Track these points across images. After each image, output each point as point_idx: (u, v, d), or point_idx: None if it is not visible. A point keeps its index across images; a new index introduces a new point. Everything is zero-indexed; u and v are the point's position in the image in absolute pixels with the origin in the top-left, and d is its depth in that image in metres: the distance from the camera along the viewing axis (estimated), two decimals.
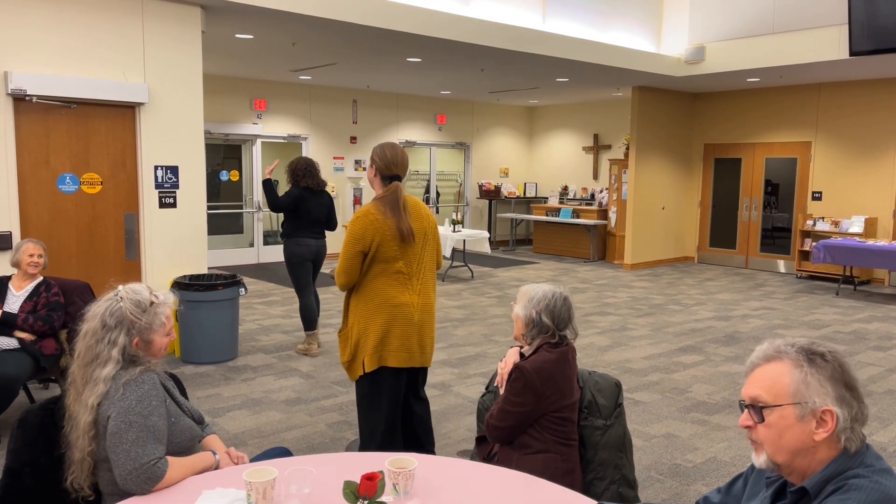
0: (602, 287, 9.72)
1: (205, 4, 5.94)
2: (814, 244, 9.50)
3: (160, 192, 5.86)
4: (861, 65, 8.78)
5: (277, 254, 11.79)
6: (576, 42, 8.62)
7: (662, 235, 11.94)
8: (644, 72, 9.63)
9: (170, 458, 2.05)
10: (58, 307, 4.38)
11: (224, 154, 12.00)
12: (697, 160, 12.16)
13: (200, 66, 5.98)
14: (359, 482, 1.78)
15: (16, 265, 4.38)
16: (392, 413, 3.34)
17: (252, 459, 2.34)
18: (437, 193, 14.23)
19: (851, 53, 8.08)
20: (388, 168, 3.27)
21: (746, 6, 9.43)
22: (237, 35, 7.40)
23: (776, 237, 11.42)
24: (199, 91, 6.00)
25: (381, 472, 1.82)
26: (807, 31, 8.70)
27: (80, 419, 2.06)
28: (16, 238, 5.16)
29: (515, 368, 2.56)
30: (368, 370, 3.27)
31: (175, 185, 5.93)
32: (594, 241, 12.37)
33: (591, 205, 13.08)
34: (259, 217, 11.62)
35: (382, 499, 1.82)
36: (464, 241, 10.55)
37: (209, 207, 10.53)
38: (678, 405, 4.96)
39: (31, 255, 4.37)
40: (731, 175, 11.80)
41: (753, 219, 11.56)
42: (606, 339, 6.78)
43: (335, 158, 12.17)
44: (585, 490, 2.63)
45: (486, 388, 2.98)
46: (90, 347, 2.13)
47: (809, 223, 10.42)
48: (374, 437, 3.35)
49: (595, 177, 13.92)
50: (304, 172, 5.98)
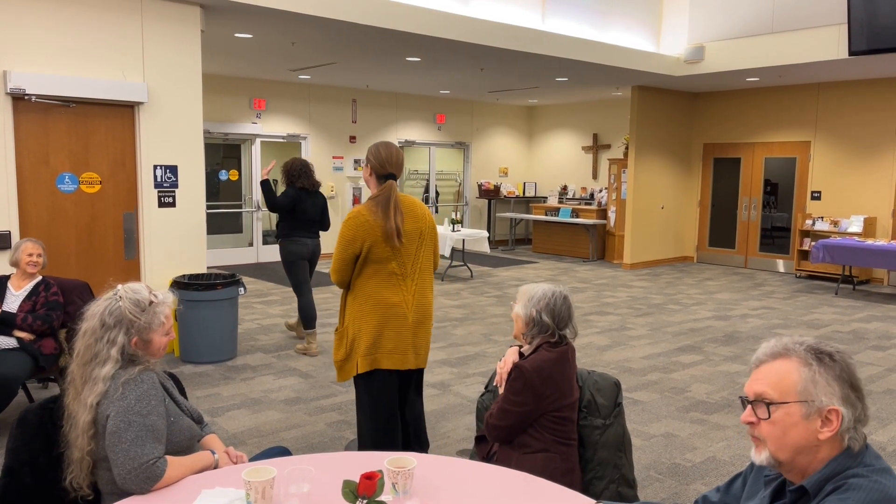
0: (601, 287, 9.72)
1: (204, 4, 5.94)
2: (813, 244, 9.51)
3: (159, 192, 5.85)
4: (860, 64, 8.78)
5: (276, 253, 11.75)
6: (575, 42, 8.62)
7: (662, 235, 11.94)
8: (643, 71, 9.64)
9: (169, 458, 2.05)
10: (57, 306, 4.38)
11: (223, 153, 12.00)
12: (697, 160, 12.17)
13: (200, 66, 5.98)
14: (358, 481, 1.78)
15: (15, 264, 4.38)
16: (388, 414, 3.33)
17: (251, 459, 2.34)
18: (437, 193, 14.23)
19: (851, 53, 8.08)
20: (383, 167, 3.23)
21: (746, 6, 9.43)
22: (236, 34, 7.39)
23: (775, 237, 11.42)
24: (199, 90, 6.00)
25: (381, 472, 1.82)
26: (806, 31, 8.71)
27: (79, 418, 2.06)
28: (15, 237, 5.16)
29: (515, 367, 2.56)
30: (361, 371, 3.27)
31: (174, 185, 5.93)
32: (593, 241, 12.38)
33: (591, 204, 13.08)
34: (258, 216, 11.62)
35: (381, 498, 1.82)
36: (463, 241, 10.55)
37: (208, 207, 10.52)
38: (677, 405, 4.97)
39: (31, 255, 4.36)
40: (731, 175, 11.80)
41: (753, 218, 11.56)
42: (605, 339, 6.78)
43: (334, 158, 12.17)
44: (584, 489, 2.63)
45: (486, 388, 2.98)
46: (89, 346, 2.13)
47: (809, 223, 10.42)
48: (372, 438, 3.35)
49: (594, 176, 13.92)
50: (300, 173, 6.10)
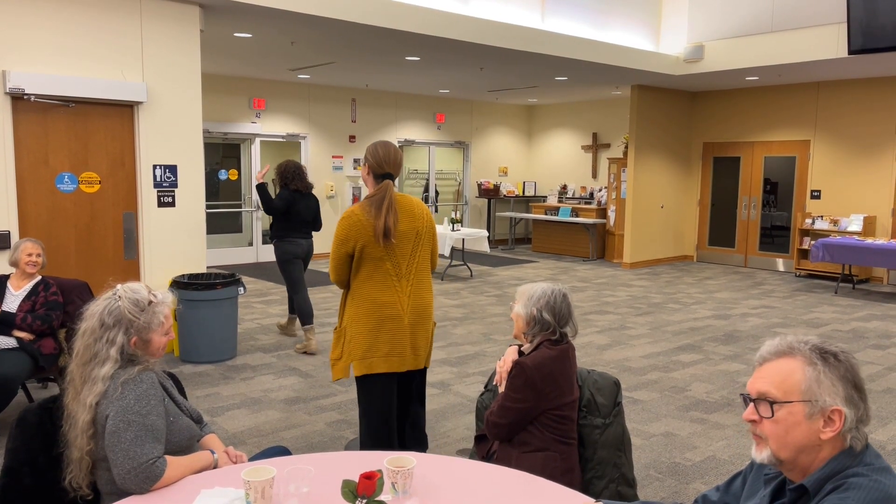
0: (601, 286, 9.72)
1: (203, 3, 5.93)
2: (813, 243, 9.51)
3: (159, 192, 5.85)
4: (860, 63, 8.78)
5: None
6: (575, 41, 8.62)
7: (661, 234, 11.94)
8: (643, 70, 9.63)
9: (168, 458, 2.05)
10: (56, 306, 4.38)
11: (223, 153, 11.99)
12: (696, 159, 12.17)
13: (199, 65, 5.97)
14: (357, 481, 1.78)
15: (14, 264, 4.38)
16: (384, 416, 3.32)
17: (251, 458, 2.34)
18: (436, 192, 14.23)
19: (850, 52, 8.08)
20: (381, 167, 3.22)
21: (745, 5, 9.43)
22: (236, 34, 7.39)
23: (775, 236, 11.42)
24: (198, 90, 6.00)
25: (380, 471, 1.82)
26: (806, 30, 8.70)
27: (79, 418, 2.06)
28: (14, 237, 5.16)
29: (516, 365, 2.56)
30: (358, 375, 3.26)
31: (174, 185, 5.92)
32: (593, 240, 12.37)
33: (590, 204, 13.08)
34: (258, 216, 11.61)
35: (381, 498, 1.82)
36: (463, 240, 10.55)
37: (208, 206, 10.52)
38: (677, 404, 4.97)
39: (30, 255, 4.36)
40: (730, 174, 11.80)
41: (752, 217, 11.56)
42: (605, 338, 6.78)
43: (334, 157, 12.16)
44: (584, 489, 2.63)
45: (485, 387, 2.98)
46: (88, 346, 2.13)
47: (808, 222, 10.42)
48: (369, 438, 3.34)
49: (594, 175, 13.92)
50: (294, 175, 6.22)
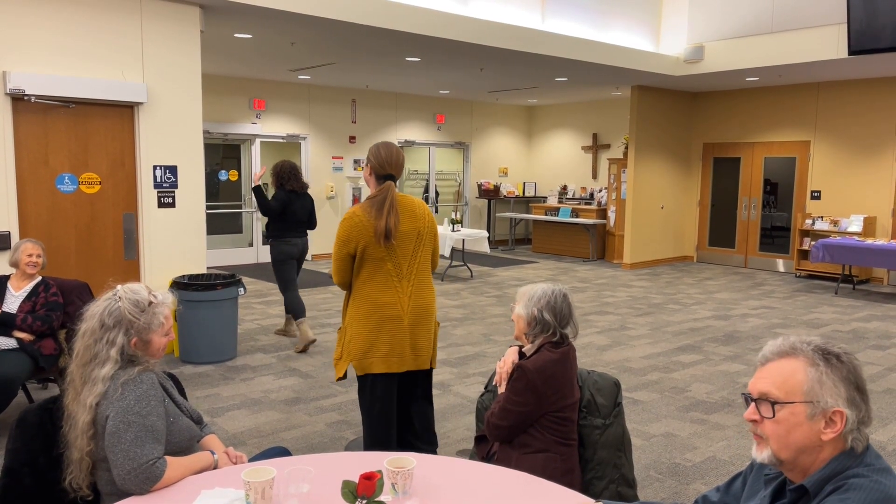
0: (601, 286, 9.72)
1: (203, 4, 5.93)
2: (813, 243, 9.51)
3: (159, 192, 5.85)
4: (860, 64, 8.78)
5: None
6: (575, 41, 8.62)
7: (661, 235, 11.94)
8: (643, 71, 9.64)
9: (168, 458, 2.05)
10: (56, 307, 4.38)
11: (223, 154, 12.00)
12: (696, 159, 12.17)
13: (199, 66, 5.98)
14: (357, 482, 1.78)
15: (14, 265, 4.38)
16: (383, 416, 3.32)
17: (251, 459, 2.34)
18: (437, 193, 14.23)
19: (850, 53, 8.08)
20: (383, 167, 3.23)
21: (745, 5, 9.43)
22: (236, 35, 7.39)
23: (775, 236, 11.42)
24: (198, 91, 6.00)
25: (380, 472, 1.82)
26: (806, 31, 8.71)
27: (79, 419, 2.06)
28: (14, 238, 5.16)
29: (517, 367, 2.56)
30: (358, 374, 3.27)
31: (174, 185, 5.92)
32: (593, 241, 12.37)
33: (591, 204, 13.08)
34: (258, 217, 11.61)
35: (381, 498, 1.82)
36: (463, 241, 10.55)
37: (208, 207, 10.51)
38: (677, 404, 4.97)
39: (30, 255, 4.36)
40: (731, 174, 11.80)
41: (752, 218, 11.56)
42: (605, 339, 6.78)
43: (334, 158, 12.16)
44: (584, 489, 2.63)
45: (485, 388, 2.98)
46: (88, 347, 2.13)
47: (808, 222, 10.42)
48: (369, 438, 3.34)
49: (594, 176, 13.92)
50: (289, 176, 6.32)
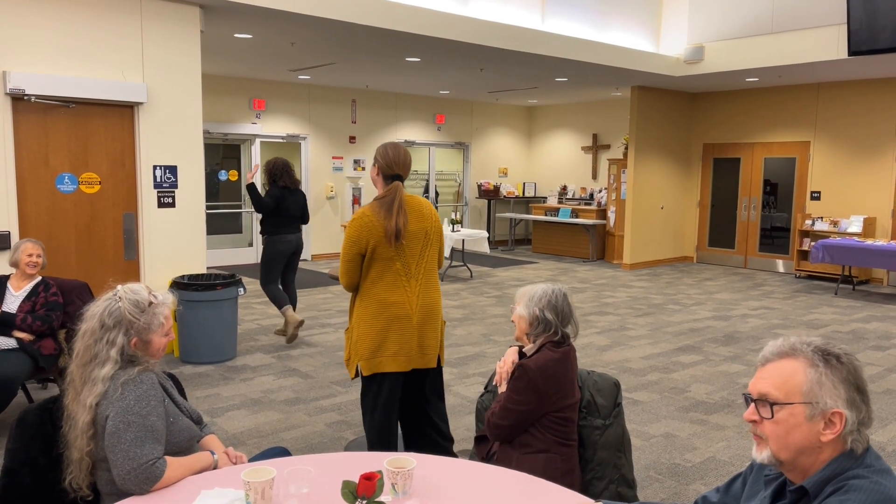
0: (601, 287, 9.72)
1: (203, 4, 5.93)
2: (812, 244, 9.51)
3: (159, 192, 5.85)
4: (860, 65, 8.78)
5: None
6: (575, 42, 8.62)
7: (661, 235, 11.94)
8: (643, 71, 9.64)
9: (168, 458, 2.05)
10: (56, 307, 4.38)
11: (223, 154, 11.99)
12: (696, 160, 12.17)
13: (199, 66, 5.98)
14: (357, 482, 1.78)
15: (14, 265, 4.38)
16: (387, 415, 3.33)
17: (251, 459, 2.34)
18: (436, 193, 14.23)
19: (850, 53, 8.08)
20: (390, 168, 3.26)
21: (745, 6, 9.43)
22: (236, 35, 7.39)
23: (775, 237, 11.42)
24: (198, 91, 6.00)
25: (380, 472, 1.82)
26: (806, 31, 8.71)
27: (79, 419, 2.06)
28: (14, 238, 5.16)
29: (519, 367, 2.56)
30: (365, 375, 3.27)
31: (174, 185, 5.92)
32: (593, 241, 12.37)
33: (590, 204, 13.08)
34: (257, 217, 11.59)
35: (381, 498, 1.82)
36: (463, 241, 10.55)
37: (208, 207, 10.52)
38: (677, 405, 4.97)
39: (30, 255, 4.36)
40: (730, 175, 11.80)
41: (752, 218, 11.56)
42: (605, 339, 6.78)
43: (334, 158, 12.16)
44: (584, 490, 2.63)
45: (485, 388, 2.98)
46: (88, 347, 2.13)
47: (808, 223, 10.42)
48: (372, 437, 3.34)
49: (594, 176, 13.92)
50: (282, 172, 6.42)
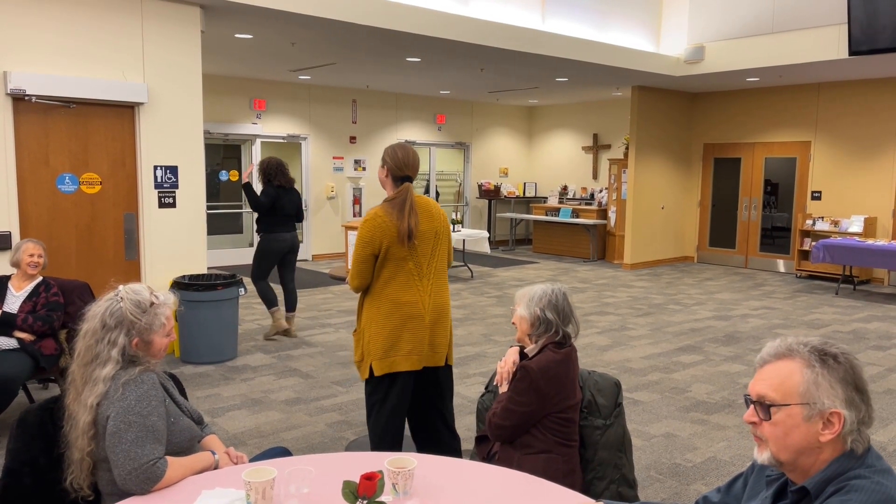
0: (602, 287, 9.72)
1: (204, 4, 5.93)
2: (813, 244, 9.50)
3: (159, 192, 5.85)
4: (860, 64, 8.78)
5: None
6: (575, 42, 8.62)
7: (662, 235, 11.94)
8: (643, 71, 9.63)
9: (169, 458, 2.05)
10: (57, 307, 4.38)
11: (223, 154, 12.00)
12: (697, 160, 12.16)
13: (200, 66, 5.98)
14: (358, 482, 1.78)
15: (15, 265, 4.38)
16: (400, 413, 3.33)
17: (251, 459, 2.34)
18: (437, 193, 14.23)
19: (851, 53, 8.08)
20: (400, 169, 3.30)
21: (746, 6, 9.43)
22: (236, 35, 7.39)
23: (776, 237, 11.42)
24: (199, 91, 6.00)
25: (381, 472, 1.82)
26: (806, 31, 8.70)
27: (80, 419, 2.06)
28: (15, 238, 5.16)
29: (521, 368, 2.56)
30: (378, 374, 3.27)
31: (174, 185, 5.93)
32: (594, 241, 12.37)
33: (591, 204, 13.08)
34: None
35: (382, 498, 1.82)
36: (463, 241, 10.55)
37: (208, 207, 10.52)
38: (678, 405, 4.96)
39: (31, 255, 4.36)
40: (731, 175, 11.80)
41: (753, 218, 11.56)
42: (606, 339, 6.78)
43: (335, 158, 12.16)
44: (585, 490, 2.63)
45: (486, 388, 2.98)
46: (90, 347, 2.13)
47: (809, 223, 10.42)
48: (383, 436, 3.33)
49: (594, 176, 13.92)
50: (276, 172, 6.49)
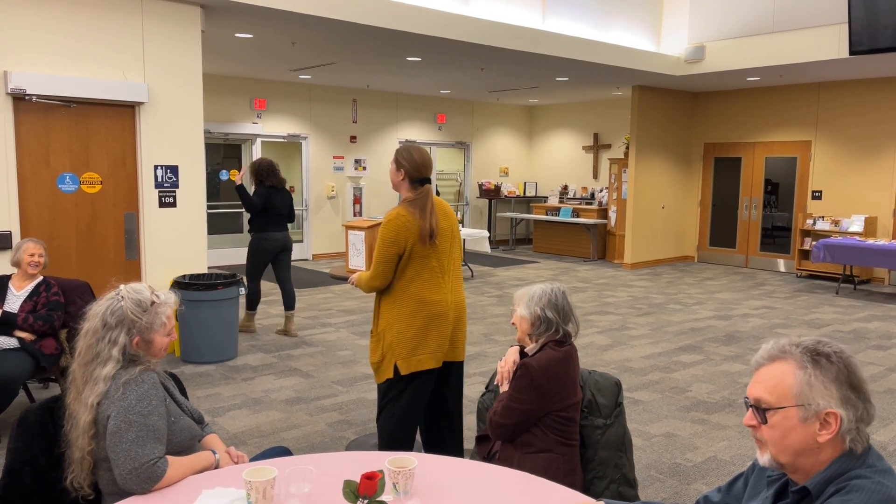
0: (602, 286, 9.72)
1: (204, 4, 5.93)
2: (814, 243, 9.50)
3: (160, 192, 5.85)
4: (861, 64, 8.78)
5: None
6: (576, 41, 8.62)
7: (662, 235, 11.93)
8: (644, 71, 9.63)
9: (169, 458, 2.05)
10: (58, 307, 4.38)
11: (224, 154, 12.00)
12: (697, 159, 12.16)
13: (200, 66, 5.97)
14: (358, 481, 1.78)
15: (16, 265, 4.38)
16: (416, 414, 3.34)
17: (252, 459, 2.34)
18: (438, 193, 14.24)
19: (851, 53, 8.08)
20: (418, 171, 3.31)
21: (746, 5, 9.43)
22: (237, 34, 7.39)
23: (776, 236, 11.42)
24: (199, 90, 6.00)
25: (381, 472, 1.82)
26: (807, 31, 8.70)
27: (80, 418, 2.06)
28: (16, 237, 5.16)
29: (521, 366, 2.56)
30: (404, 374, 3.26)
31: (175, 185, 5.93)
32: (594, 241, 12.37)
33: (591, 204, 13.08)
34: None
35: (382, 498, 1.82)
36: (464, 241, 10.55)
37: (209, 207, 10.52)
38: (678, 404, 4.96)
39: (32, 255, 4.37)
40: (731, 174, 11.80)
41: (753, 218, 11.56)
42: (606, 339, 6.78)
43: (335, 158, 12.16)
44: (585, 489, 2.63)
45: (486, 388, 2.99)
46: (90, 346, 2.13)
47: (809, 222, 10.41)
48: (400, 434, 3.32)
49: (595, 176, 13.92)
50: (268, 172, 6.58)
